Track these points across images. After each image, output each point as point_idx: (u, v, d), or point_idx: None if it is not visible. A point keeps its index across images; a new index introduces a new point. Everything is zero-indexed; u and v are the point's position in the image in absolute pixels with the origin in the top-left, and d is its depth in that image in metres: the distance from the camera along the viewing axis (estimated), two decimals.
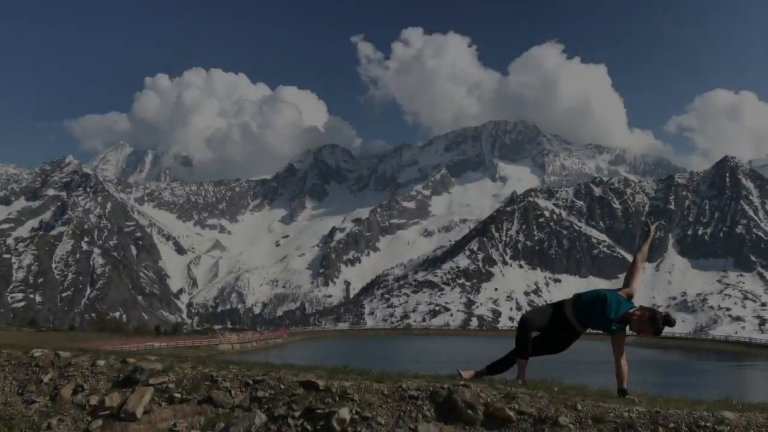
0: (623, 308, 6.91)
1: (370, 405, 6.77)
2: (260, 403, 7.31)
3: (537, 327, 7.42)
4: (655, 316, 6.79)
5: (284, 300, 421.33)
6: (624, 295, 7.02)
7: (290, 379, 7.52)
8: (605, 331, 6.98)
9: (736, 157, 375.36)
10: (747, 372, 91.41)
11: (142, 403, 7.70)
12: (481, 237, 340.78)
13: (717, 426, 5.67)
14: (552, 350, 7.42)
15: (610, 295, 7.00)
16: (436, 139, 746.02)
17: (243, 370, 8.02)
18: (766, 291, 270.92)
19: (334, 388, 7.11)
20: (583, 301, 7.15)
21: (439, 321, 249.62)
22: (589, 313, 7.04)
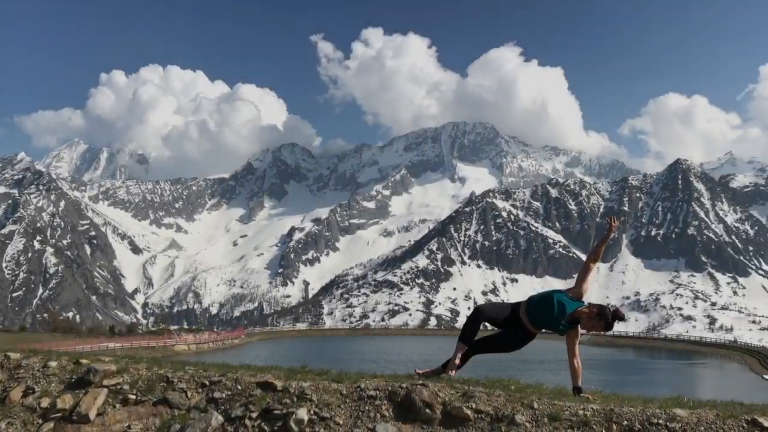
0: (571, 308, 6.99)
1: (329, 405, 6.75)
2: (217, 404, 7.24)
3: (489, 319, 7.52)
4: (603, 311, 6.88)
5: (242, 300, 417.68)
6: (573, 295, 7.10)
7: (248, 379, 7.46)
8: (555, 331, 7.07)
9: (688, 160, 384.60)
10: (698, 370, 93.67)
11: (96, 405, 7.55)
12: (440, 237, 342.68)
13: (669, 423, 5.79)
14: (507, 349, 7.49)
15: (557, 295, 7.09)
16: (396, 140, 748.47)
17: (199, 371, 7.92)
18: (716, 291, 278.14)
19: (292, 388, 7.07)
20: (534, 303, 7.24)
21: (398, 321, 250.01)
22: (540, 315, 7.13)
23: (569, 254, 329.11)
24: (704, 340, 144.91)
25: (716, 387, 64.90)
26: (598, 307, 6.96)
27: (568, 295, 7.11)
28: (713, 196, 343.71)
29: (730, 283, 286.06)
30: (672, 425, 5.80)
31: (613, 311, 6.89)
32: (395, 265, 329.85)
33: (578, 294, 7.09)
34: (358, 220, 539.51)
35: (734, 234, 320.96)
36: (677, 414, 5.93)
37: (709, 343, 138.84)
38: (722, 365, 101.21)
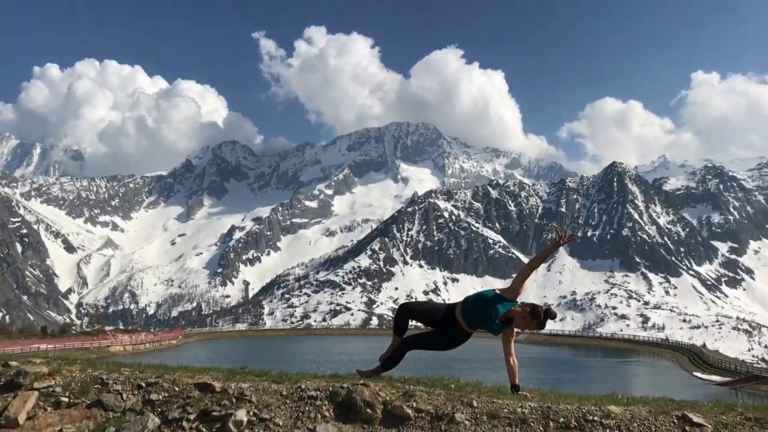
0: (505, 307, 7.09)
1: (269, 406, 6.68)
2: (153, 406, 7.08)
3: (417, 317, 7.64)
4: (536, 310, 6.99)
5: (180, 300, 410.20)
6: (508, 296, 7.19)
7: (185, 381, 7.32)
8: (489, 330, 7.15)
9: (624, 163, 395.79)
10: (631, 367, 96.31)
11: (26, 408, 7.29)
12: (383, 237, 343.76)
13: (604, 420, 5.93)
14: (441, 347, 7.58)
15: (490, 295, 7.18)
16: (340, 139, 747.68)
17: (135, 373, 7.74)
18: (649, 291, 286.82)
19: (231, 389, 6.97)
20: (469, 303, 7.32)
21: (340, 321, 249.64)
22: (474, 315, 7.20)
23: (509, 254, 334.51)
24: (637, 339, 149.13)
25: (649, 384, 66.93)
26: (531, 306, 7.07)
27: (502, 295, 7.20)
28: (647, 199, 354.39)
29: (662, 283, 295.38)
30: (607, 422, 5.93)
31: (545, 310, 7.00)
32: (337, 264, 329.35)
33: (513, 295, 7.17)
34: (300, 220, 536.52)
35: (666, 235, 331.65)
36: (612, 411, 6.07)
37: (642, 341, 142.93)
38: (654, 363, 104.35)
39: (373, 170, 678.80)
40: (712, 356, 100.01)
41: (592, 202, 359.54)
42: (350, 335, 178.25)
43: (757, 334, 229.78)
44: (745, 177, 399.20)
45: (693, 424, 5.84)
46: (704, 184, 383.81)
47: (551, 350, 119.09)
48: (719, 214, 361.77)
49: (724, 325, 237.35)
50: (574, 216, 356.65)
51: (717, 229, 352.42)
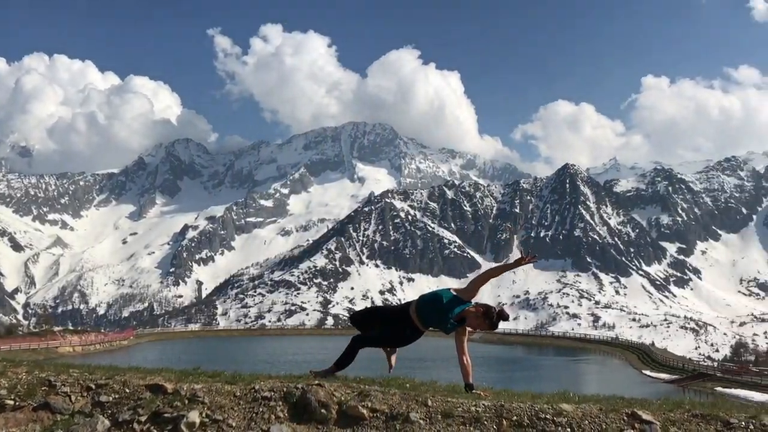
0: (459, 307, 7.16)
1: (222, 407, 6.60)
2: (103, 408, 6.94)
3: (372, 343, 7.67)
4: (489, 311, 7.08)
5: (131, 300, 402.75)
6: (462, 296, 7.25)
7: (136, 382, 7.19)
8: (443, 329, 7.21)
9: (576, 165, 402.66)
10: (582, 366, 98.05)
11: None
12: (339, 237, 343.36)
13: (556, 417, 6.01)
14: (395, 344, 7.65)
15: (445, 295, 7.23)
16: (296, 138, 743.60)
17: (85, 374, 7.57)
18: (599, 290, 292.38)
19: (184, 390, 6.87)
20: (423, 302, 7.37)
21: (295, 321, 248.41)
22: (429, 313, 7.25)
23: (464, 254, 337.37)
24: (588, 338, 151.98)
25: (599, 382, 68.21)
26: (485, 307, 7.14)
27: (457, 295, 7.26)
28: (598, 200, 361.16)
29: (612, 283, 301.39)
30: (559, 419, 6.02)
31: (498, 312, 7.09)
32: (293, 264, 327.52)
33: (468, 296, 7.23)
34: (255, 219, 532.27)
35: (617, 236, 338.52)
36: (563, 409, 6.16)
37: (592, 340, 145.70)
38: (605, 361, 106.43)
39: (330, 169, 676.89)
40: (661, 355, 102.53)
41: (545, 203, 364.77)
42: (305, 335, 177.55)
43: (703, 332, 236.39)
44: (693, 179, 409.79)
45: (642, 421, 5.96)
46: (653, 186, 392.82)
47: (505, 349, 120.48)
48: (668, 216, 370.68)
49: (672, 324, 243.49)
50: (527, 217, 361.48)
51: (666, 230, 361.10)
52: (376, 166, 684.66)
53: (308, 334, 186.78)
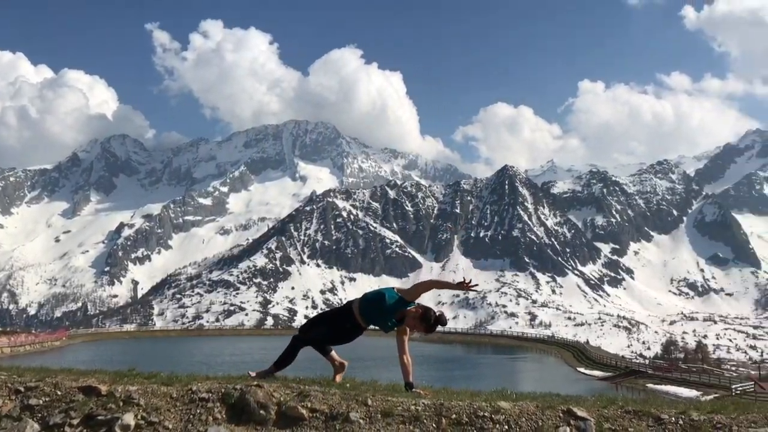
0: (400, 307, 7.22)
1: (158, 409, 6.46)
2: (33, 412, 6.70)
3: (314, 341, 7.65)
4: (427, 313, 7.15)
5: (64, 300, 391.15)
6: (405, 296, 7.31)
7: (68, 384, 6.96)
8: (383, 328, 7.25)
9: (515, 167, 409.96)
10: (520, 364, 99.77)
11: None
12: (280, 236, 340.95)
13: (494, 415, 6.09)
14: (337, 342, 7.66)
15: (389, 293, 7.28)
16: (236, 135, 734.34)
17: (13, 377, 7.29)
18: (537, 289, 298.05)
19: (118, 392, 6.69)
20: (367, 299, 7.40)
21: (234, 321, 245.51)
22: (371, 310, 7.29)
23: (405, 254, 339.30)
24: (525, 336, 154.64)
25: (536, 380, 69.49)
26: (425, 309, 7.21)
27: (401, 295, 7.31)
28: (536, 201, 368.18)
29: (549, 282, 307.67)
30: (497, 417, 6.10)
31: (437, 316, 7.17)
32: (232, 264, 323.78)
33: (411, 297, 7.30)
34: (194, 217, 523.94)
35: (554, 236, 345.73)
36: (501, 406, 6.25)
37: (529, 338, 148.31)
38: (541, 359, 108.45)
39: (271, 168, 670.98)
40: (595, 352, 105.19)
41: (485, 204, 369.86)
42: (244, 336, 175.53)
43: (635, 331, 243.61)
44: (627, 182, 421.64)
45: (577, 418, 6.10)
46: (589, 188, 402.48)
47: (444, 348, 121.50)
48: (602, 217, 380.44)
49: (606, 323, 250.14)
50: (467, 217, 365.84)
51: (600, 231, 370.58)
52: (318, 165, 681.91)
53: (247, 334, 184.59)
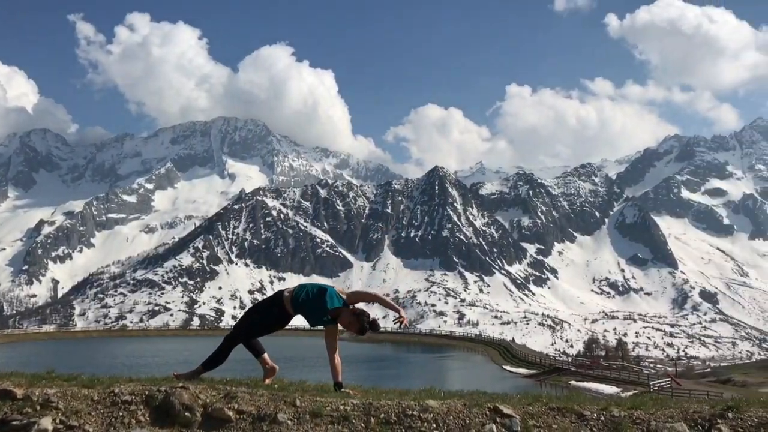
0: (338, 305, 7.23)
1: (78, 413, 6.24)
2: None
3: (248, 334, 7.58)
4: (362, 315, 7.19)
5: None
6: (343, 296, 7.34)
7: None
8: (315, 321, 7.23)
9: (445, 168, 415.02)
10: (447, 362, 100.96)
11: None
12: (207, 235, 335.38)
13: (422, 414, 6.14)
14: (265, 331, 7.60)
15: (330, 289, 7.30)
16: (162, 131, 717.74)
17: None
18: (465, 289, 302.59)
19: (36, 396, 6.43)
20: (304, 288, 7.37)
21: (158, 321, 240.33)
22: (305, 301, 7.26)
23: (336, 253, 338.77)
24: (453, 334, 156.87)
25: (464, 378, 70.49)
26: (360, 311, 7.25)
27: (340, 294, 7.33)
28: (465, 202, 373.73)
29: (477, 282, 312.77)
30: (425, 415, 6.16)
31: (371, 321, 7.22)
32: (157, 263, 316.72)
33: (349, 299, 7.34)
34: (117, 215, 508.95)
35: (482, 237, 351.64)
36: (429, 405, 6.31)
37: (457, 336, 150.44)
38: (469, 357, 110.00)
39: (198, 165, 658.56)
40: (520, 350, 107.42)
41: (416, 204, 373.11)
42: (169, 336, 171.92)
43: (559, 329, 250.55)
44: (552, 184, 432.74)
45: (503, 416, 6.21)
46: (516, 190, 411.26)
47: (374, 347, 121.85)
48: (528, 218, 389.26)
49: (531, 321, 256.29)
50: (398, 217, 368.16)
51: (526, 232, 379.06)
52: (247, 162, 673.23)
53: (172, 335, 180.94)
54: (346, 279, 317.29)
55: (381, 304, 7.73)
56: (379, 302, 7.69)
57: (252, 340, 7.68)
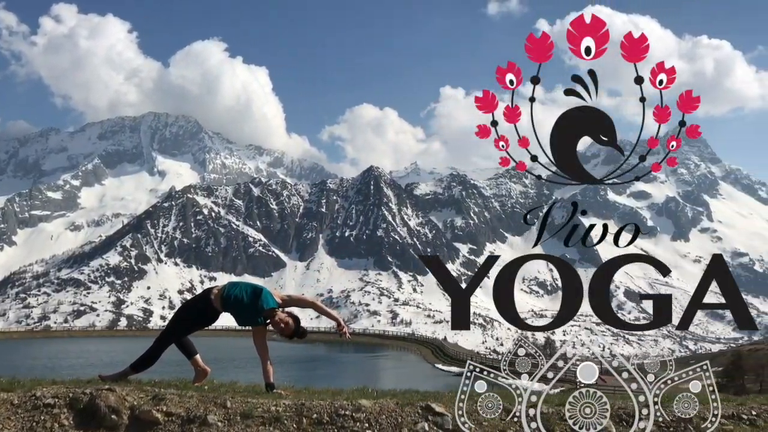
0: (273, 305, 7.19)
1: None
2: None
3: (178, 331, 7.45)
4: (289, 322, 7.18)
5: None
6: (278, 299, 7.30)
7: None
8: (246, 320, 7.16)
9: (380, 168, 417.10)
10: (380, 361, 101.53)
11: None
12: (135, 233, 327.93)
13: (355, 413, 6.16)
14: (192, 328, 7.51)
15: (265, 291, 7.24)
16: (90, 126, 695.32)
17: None
18: (399, 288, 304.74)
19: None
20: (237, 286, 7.30)
21: (84, 322, 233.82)
22: (236, 299, 7.18)
23: (269, 253, 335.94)
24: (387, 334, 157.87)
25: (397, 377, 70.92)
26: (292, 316, 7.26)
27: (274, 295, 7.29)
28: (400, 202, 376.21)
29: (410, 281, 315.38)
30: (357, 415, 6.17)
31: (301, 331, 7.25)
32: (83, 262, 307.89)
33: (282, 303, 7.31)
34: (41, 212, 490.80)
35: (416, 237, 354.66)
36: (362, 404, 6.33)
37: (391, 336, 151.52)
38: (401, 356, 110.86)
39: (127, 161, 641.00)
40: (452, 349, 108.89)
41: (351, 204, 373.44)
42: (95, 337, 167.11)
43: (490, 327, 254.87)
44: (484, 185, 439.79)
45: (435, 414, 6.29)
46: (449, 191, 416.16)
47: (307, 347, 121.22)
48: (461, 219, 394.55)
49: None
50: (333, 216, 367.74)
51: (459, 232, 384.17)
52: (178, 159, 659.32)
53: (98, 336, 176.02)
54: (279, 279, 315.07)
55: (317, 311, 7.76)
56: (315, 309, 7.71)
57: (183, 341, 7.55)
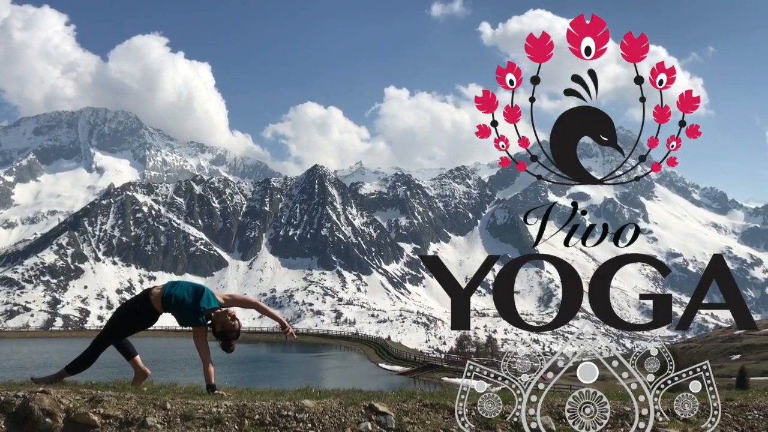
0: (215, 305, 7.10)
1: None
2: None
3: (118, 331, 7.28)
4: (227, 324, 7.11)
5: None
6: (220, 298, 7.21)
7: None
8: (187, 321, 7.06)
9: (325, 167, 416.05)
10: (324, 361, 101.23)
11: None
12: (72, 231, 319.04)
13: (298, 414, 6.11)
14: (132, 329, 7.33)
15: (207, 290, 7.14)
16: (25, 121, 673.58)
17: None
18: (343, 287, 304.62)
19: None
20: (179, 288, 7.17)
21: (17, 322, 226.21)
22: (177, 299, 7.06)
23: (210, 251, 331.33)
24: (331, 333, 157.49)
25: (340, 376, 70.87)
26: (234, 319, 7.18)
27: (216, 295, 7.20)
28: (344, 201, 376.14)
29: (354, 281, 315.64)
30: (300, 416, 6.14)
31: (236, 334, 7.15)
32: (16, 260, 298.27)
33: (224, 303, 7.22)
34: None
35: (360, 236, 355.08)
36: (305, 405, 6.29)
37: (334, 335, 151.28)
38: (345, 356, 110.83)
39: (64, 157, 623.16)
40: (396, 348, 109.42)
41: (295, 203, 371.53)
42: (29, 338, 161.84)
43: (433, 327, 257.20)
44: (429, 185, 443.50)
45: (378, 413, 6.29)
46: (394, 191, 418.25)
47: (249, 347, 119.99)
48: (406, 218, 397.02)
49: (407, 319, 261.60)
50: (277, 215, 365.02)
51: (403, 232, 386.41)
52: (117, 156, 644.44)
53: (32, 336, 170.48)
54: (221, 278, 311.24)
55: (260, 312, 7.69)
56: (258, 309, 7.64)
57: (123, 341, 7.38)
